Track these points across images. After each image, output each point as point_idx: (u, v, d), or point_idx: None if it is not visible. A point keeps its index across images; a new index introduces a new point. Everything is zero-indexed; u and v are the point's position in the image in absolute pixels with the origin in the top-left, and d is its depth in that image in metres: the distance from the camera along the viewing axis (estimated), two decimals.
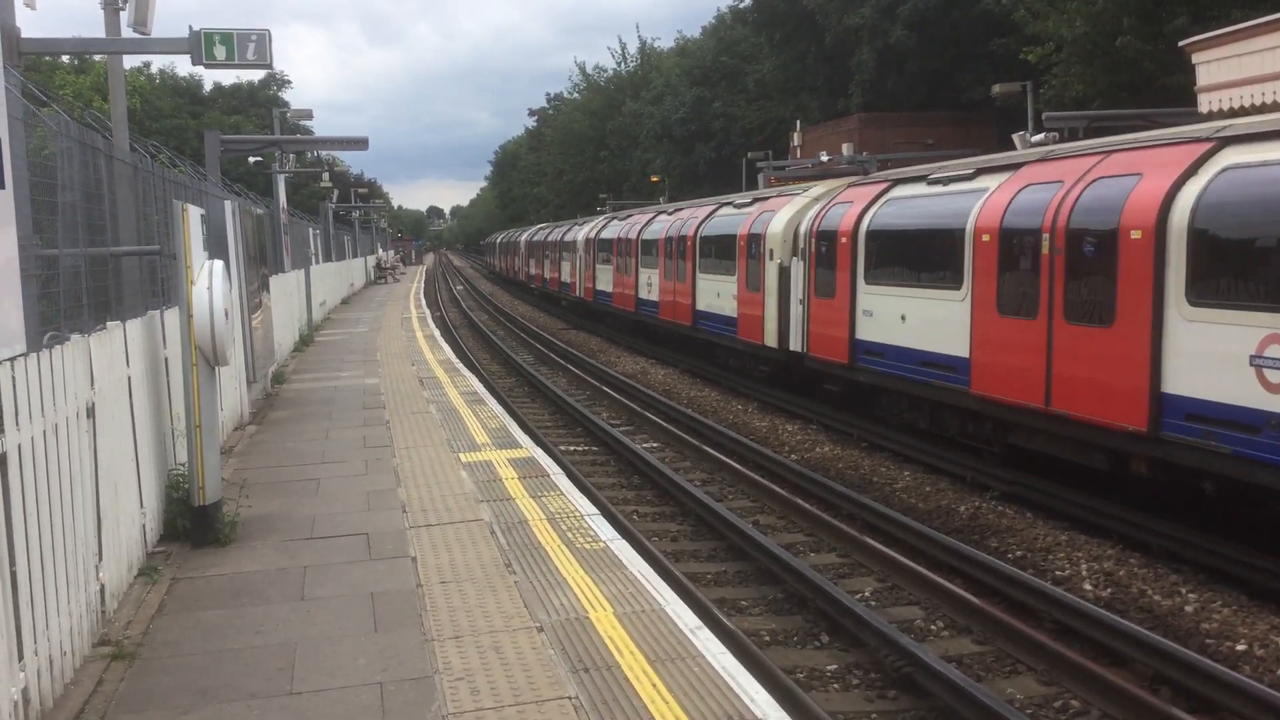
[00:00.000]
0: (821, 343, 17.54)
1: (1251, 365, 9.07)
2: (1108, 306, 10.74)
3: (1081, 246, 11.20)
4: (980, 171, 13.90)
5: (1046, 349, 11.63)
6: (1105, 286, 10.79)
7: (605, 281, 35.25)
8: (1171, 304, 10.02)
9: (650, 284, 29.04)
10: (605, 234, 35.72)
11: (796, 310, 18.56)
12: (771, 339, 19.67)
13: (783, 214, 19.84)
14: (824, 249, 17.44)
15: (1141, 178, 10.63)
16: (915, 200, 15.26)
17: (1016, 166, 13.16)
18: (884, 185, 16.55)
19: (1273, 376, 8.90)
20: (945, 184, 14.58)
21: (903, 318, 14.88)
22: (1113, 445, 10.90)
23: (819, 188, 20.24)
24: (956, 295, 13.47)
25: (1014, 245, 12.31)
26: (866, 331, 15.96)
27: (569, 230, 44.85)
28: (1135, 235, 10.38)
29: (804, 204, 19.56)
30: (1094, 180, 11.33)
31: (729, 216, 23.24)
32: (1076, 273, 11.27)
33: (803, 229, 18.56)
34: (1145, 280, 10.24)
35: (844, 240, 16.64)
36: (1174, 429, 9.98)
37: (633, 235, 31.26)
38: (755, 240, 20.55)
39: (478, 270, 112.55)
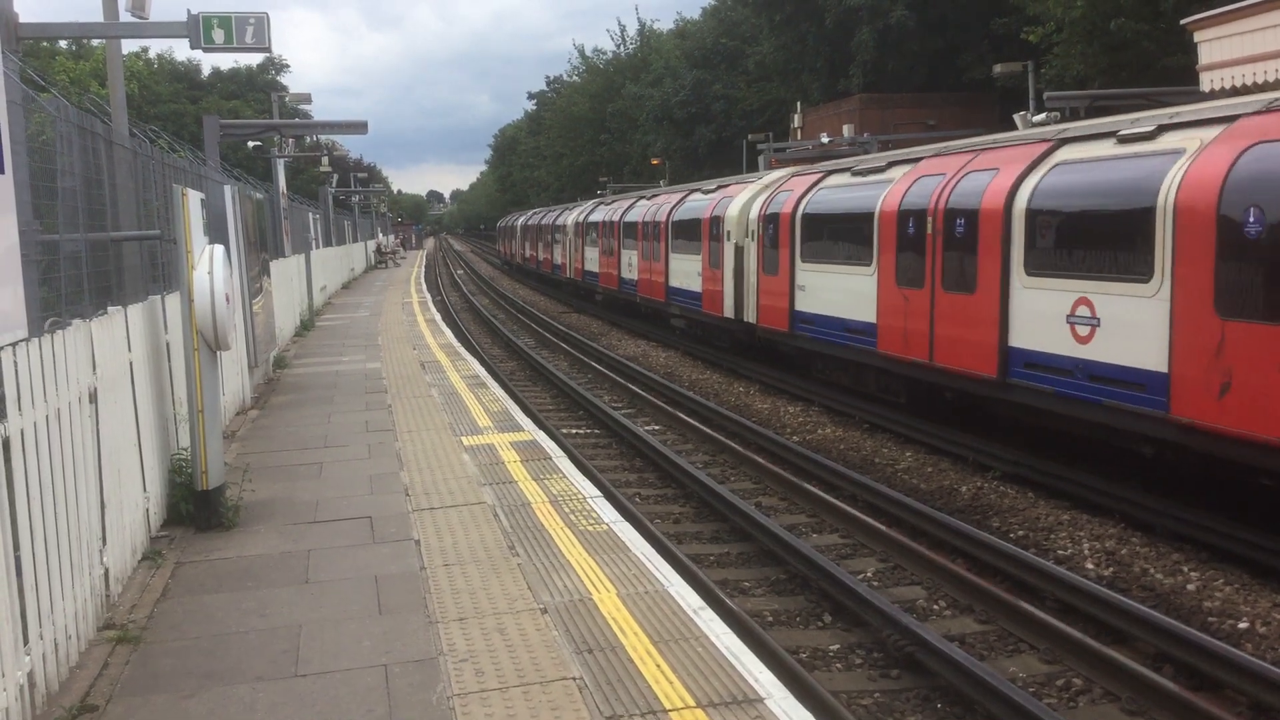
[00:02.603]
0: (768, 314, 19.77)
1: (1067, 322, 11.39)
2: (971, 277, 13.02)
3: (954, 229, 13.46)
4: (891, 164, 16.08)
5: (930, 313, 13.95)
6: (970, 261, 13.04)
7: (593, 262, 37.23)
8: (1015, 274, 12.29)
9: (631, 264, 31.04)
10: (592, 218, 37.79)
11: (749, 284, 20.71)
12: (729, 311, 21.83)
13: (739, 199, 21.77)
14: (770, 230, 19.59)
15: (998, 172, 12.88)
16: (840, 189, 17.52)
17: (915, 161, 15.38)
18: (819, 175, 18.78)
19: (1081, 330, 11.24)
20: (864, 175, 16.79)
21: (829, 291, 17.17)
22: (976, 391, 13.18)
23: (772, 175, 22.35)
24: (867, 270, 15.71)
25: (907, 227, 14.51)
26: (803, 304, 18.26)
27: (560, 215, 47.03)
28: (989, 219, 12.70)
29: (757, 190, 21.46)
30: (966, 173, 13.57)
31: (697, 201, 25.16)
32: (950, 250, 13.54)
33: (753, 213, 20.66)
34: (996, 256, 12.51)
35: (784, 223, 18.88)
36: (1017, 375, 12.24)
37: (615, 219, 33.21)
38: (716, 222, 22.62)
39: (479, 254, 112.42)
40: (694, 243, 24.33)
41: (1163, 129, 10.75)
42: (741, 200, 21.62)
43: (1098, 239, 11.11)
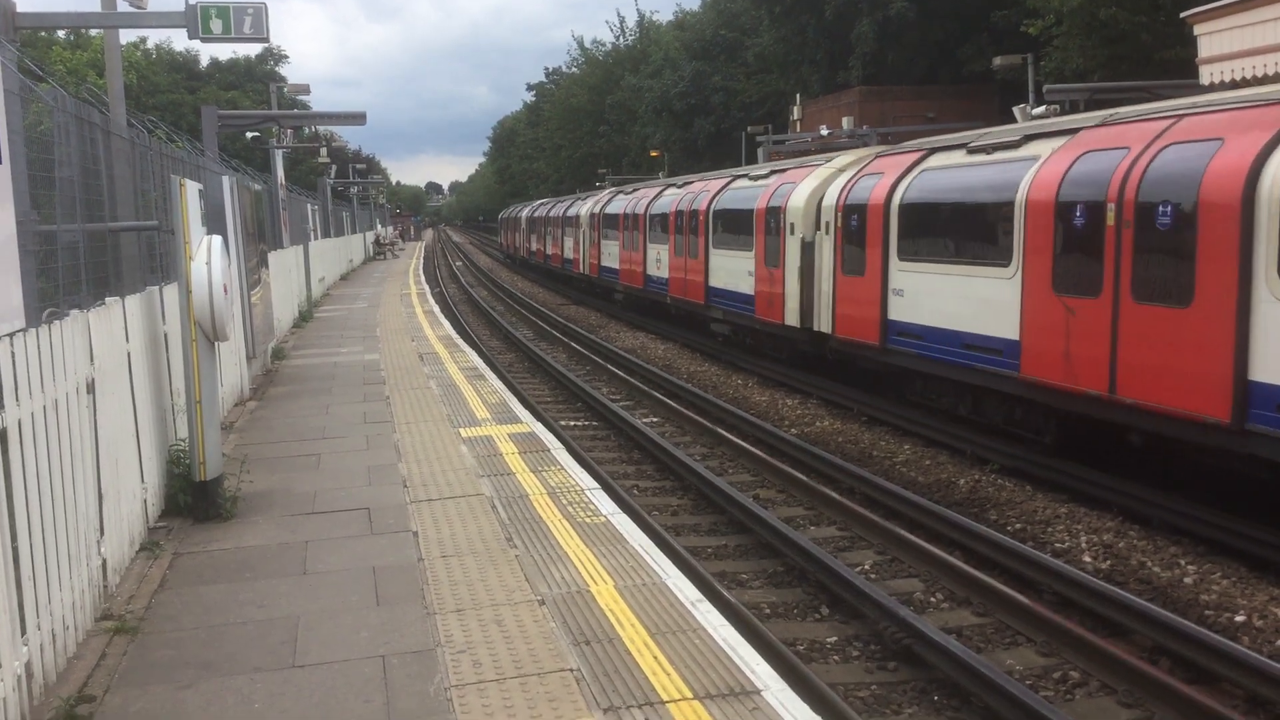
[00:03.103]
0: (849, 323, 16.31)
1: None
2: (1186, 285, 9.89)
3: (1154, 220, 10.28)
4: (1028, 138, 12.92)
5: (1111, 331, 10.86)
6: (1183, 266, 9.91)
7: (611, 258, 33.97)
8: (1261, 281, 9.17)
9: (659, 260, 27.74)
10: (610, 209, 34.65)
11: (821, 287, 17.33)
12: (793, 318, 18.56)
13: (805, 185, 18.59)
14: (853, 223, 16.22)
15: (1221, 143, 9.78)
16: (954, 170, 14.24)
17: (1071, 132, 12.20)
18: (919, 154, 15.41)
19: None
20: (989, 152, 13.49)
21: (939, 297, 13.98)
22: (1189, 438, 10.08)
23: (845, 156, 19.19)
24: (1003, 273, 12.52)
25: (1072, 218, 11.36)
26: (900, 312, 14.90)
27: (571, 205, 43.38)
28: (1217, 208, 9.59)
29: (829, 174, 18.33)
30: (1166, 145, 10.42)
31: (746, 189, 21.92)
32: (1147, 248, 10.46)
33: (827, 201, 17.35)
34: (1230, 258, 9.36)
35: (874, 214, 15.55)
36: (1262, 420, 9.26)
37: (639, 210, 30.10)
38: (775, 214, 19.39)
39: (478, 246, 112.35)
40: (743, 237, 21.03)
41: None
42: (809, 187, 18.34)
43: None
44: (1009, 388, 12.51)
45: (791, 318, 18.65)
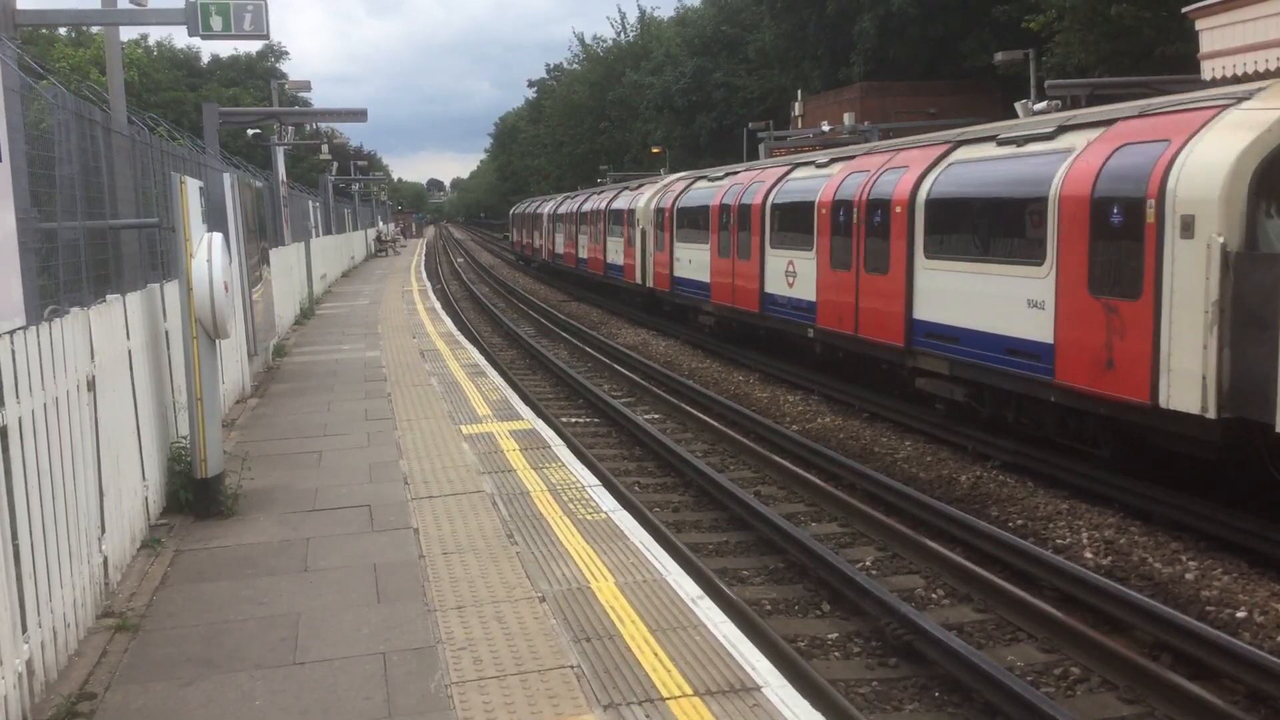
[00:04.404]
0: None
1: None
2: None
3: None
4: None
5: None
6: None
7: (694, 266, 24.24)
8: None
9: (791, 275, 18.55)
10: (693, 199, 24.89)
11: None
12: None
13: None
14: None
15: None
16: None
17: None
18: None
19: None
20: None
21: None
22: None
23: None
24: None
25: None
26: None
27: (616, 198, 33.65)
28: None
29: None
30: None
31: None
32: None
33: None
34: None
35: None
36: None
37: (756, 200, 20.25)
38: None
39: (479, 243, 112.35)
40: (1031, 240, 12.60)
41: None
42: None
43: None
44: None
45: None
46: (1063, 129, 11.99)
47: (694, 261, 24.25)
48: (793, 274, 18.35)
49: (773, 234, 19.42)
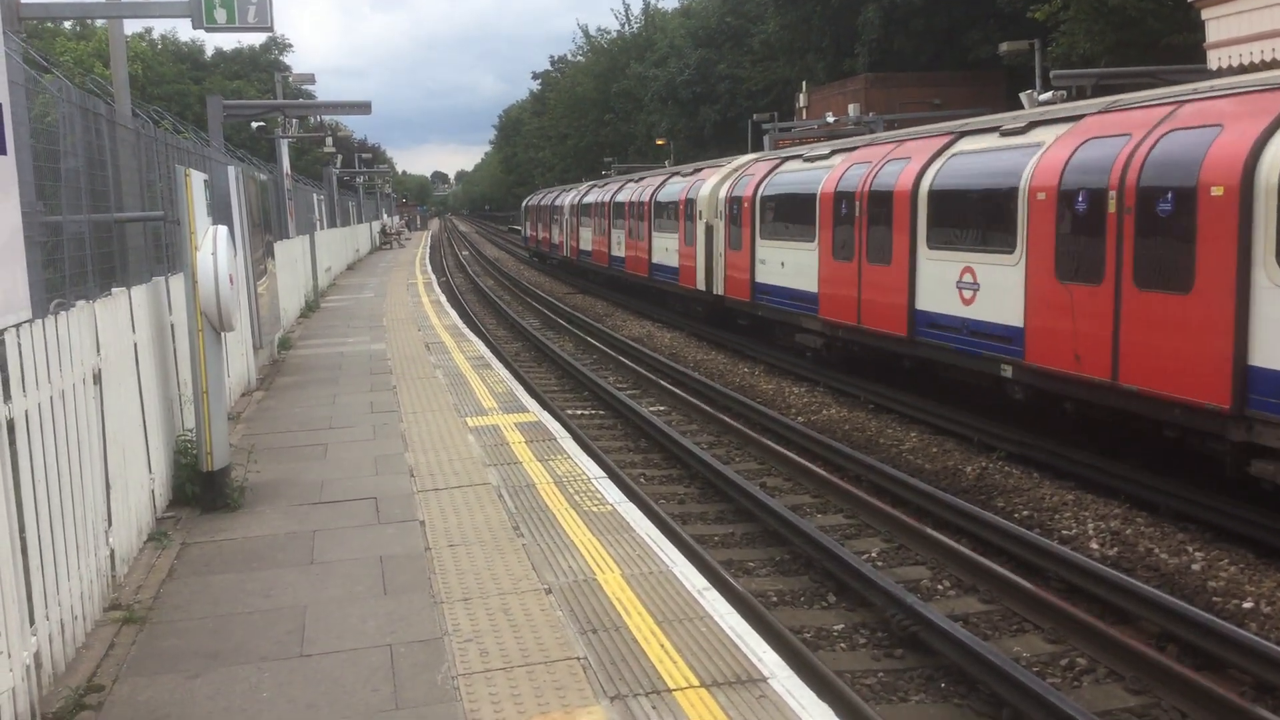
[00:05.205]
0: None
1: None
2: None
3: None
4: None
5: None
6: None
7: (779, 272, 19.46)
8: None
9: (970, 288, 13.35)
10: (780, 185, 20.04)
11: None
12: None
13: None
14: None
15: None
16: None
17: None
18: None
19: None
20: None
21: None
22: None
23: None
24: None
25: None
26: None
27: (665, 184, 28.40)
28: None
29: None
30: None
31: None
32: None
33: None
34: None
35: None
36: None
37: (900, 184, 14.95)
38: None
39: (484, 236, 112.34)
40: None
41: None
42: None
43: None
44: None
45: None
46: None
47: (789, 265, 18.94)
48: (973, 286, 13.33)
49: (930, 229, 14.41)
